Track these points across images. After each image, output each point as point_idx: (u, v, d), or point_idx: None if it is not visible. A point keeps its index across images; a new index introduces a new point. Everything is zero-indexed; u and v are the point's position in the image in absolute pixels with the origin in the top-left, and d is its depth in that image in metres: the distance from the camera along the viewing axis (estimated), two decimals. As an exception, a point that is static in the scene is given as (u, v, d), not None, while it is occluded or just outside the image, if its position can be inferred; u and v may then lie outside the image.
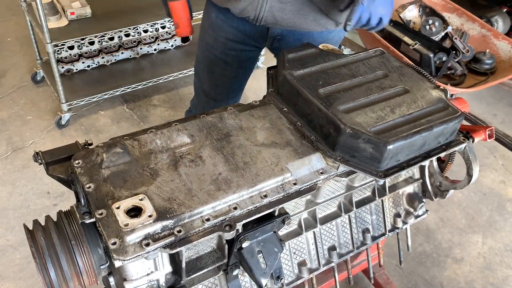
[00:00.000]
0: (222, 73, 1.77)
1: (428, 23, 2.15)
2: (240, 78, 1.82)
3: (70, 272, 0.91)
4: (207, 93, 1.87)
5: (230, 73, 1.77)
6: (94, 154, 0.99)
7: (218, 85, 1.82)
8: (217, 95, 1.85)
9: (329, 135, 1.06)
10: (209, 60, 1.76)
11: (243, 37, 1.63)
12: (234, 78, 1.80)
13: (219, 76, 1.79)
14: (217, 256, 1.05)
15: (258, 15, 1.48)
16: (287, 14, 1.47)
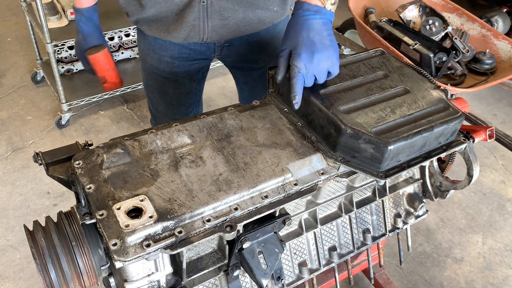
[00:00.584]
0: (175, 92, 1.69)
1: (428, 23, 2.14)
2: (195, 91, 1.74)
3: (71, 273, 0.91)
4: (164, 114, 1.80)
5: (184, 89, 1.70)
6: (95, 155, 0.99)
7: (174, 104, 1.74)
8: (176, 114, 1.77)
9: (330, 136, 1.06)
10: (158, 82, 1.68)
11: (189, 52, 1.56)
12: (189, 93, 1.73)
13: (173, 95, 1.71)
14: (218, 257, 1.05)
15: (202, 38, 1.44)
16: (231, 27, 1.43)
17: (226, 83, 3.46)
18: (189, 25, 1.40)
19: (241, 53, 1.59)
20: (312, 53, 1.07)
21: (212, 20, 1.39)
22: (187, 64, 1.60)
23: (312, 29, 1.10)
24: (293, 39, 1.10)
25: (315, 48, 1.08)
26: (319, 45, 1.09)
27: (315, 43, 1.09)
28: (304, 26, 1.10)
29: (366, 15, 2.27)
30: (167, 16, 1.41)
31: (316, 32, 1.10)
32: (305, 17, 1.11)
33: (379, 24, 2.13)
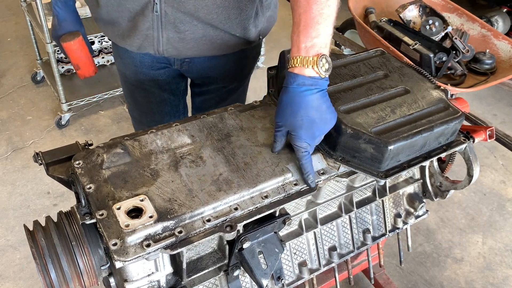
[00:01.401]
0: (145, 100, 1.64)
1: (428, 23, 2.15)
2: (169, 102, 1.66)
3: (71, 273, 0.91)
4: (138, 121, 1.76)
5: (154, 99, 1.63)
6: (95, 155, 0.99)
7: (146, 112, 1.68)
8: (150, 122, 1.71)
9: (330, 136, 1.06)
10: (129, 88, 1.64)
11: (152, 60, 1.51)
12: (161, 102, 1.65)
13: (143, 103, 1.66)
14: (218, 257, 1.05)
15: (157, 50, 1.38)
16: (189, 43, 1.35)
17: (226, 83, 3.46)
18: (143, 34, 1.34)
19: (202, 70, 1.53)
20: (313, 133, 1.00)
21: (167, 31, 1.32)
22: (152, 73, 1.54)
23: (311, 106, 0.98)
24: (290, 118, 0.99)
25: (316, 127, 1.00)
26: (320, 122, 1.00)
27: (315, 121, 0.99)
28: (302, 104, 0.98)
29: (366, 15, 2.27)
30: (119, 21, 1.35)
31: (316, 110, 0.99)
32: (302, 93, 0.98)
33: (379, 24, 2.13)
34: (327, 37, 1.00)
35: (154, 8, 1.27)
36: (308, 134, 1.00)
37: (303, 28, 0.99)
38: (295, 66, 0.98)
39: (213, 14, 1.29)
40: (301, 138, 1.00)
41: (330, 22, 1.00)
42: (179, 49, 1.38)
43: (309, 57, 0.97)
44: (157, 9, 1.27)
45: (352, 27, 2.75)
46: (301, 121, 0.99)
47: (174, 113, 1.71)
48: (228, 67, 1.54)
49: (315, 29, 0.99)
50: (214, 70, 1.54)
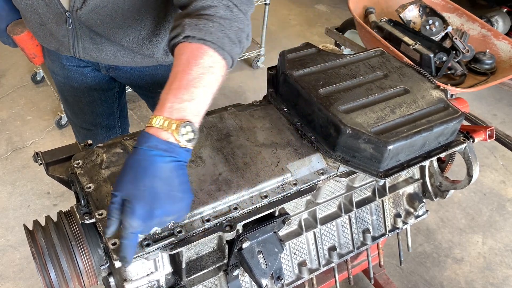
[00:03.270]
0: (74, 98, 1.55)
1: (428, 23, 2.15)
2: (101, 102, 1.55)
3: (70, 273, 0.91)
4: (72, 122, 1.67)
5: (84, 98, 1.53)
6: (94, 155, 0.99)
7: (77, 112, 1.59)
8: (81, 123, 1.62)
9: (329, 135, 1.06)
10: (58, 86, 1.56)
11: (78, 61, 1.44)
12: (92, 103, 1.54)
13: (73, 102, 1.56)
14: (217, 257, 1.05)
15: (75, 55, 1.31)
16: (107, 53, 1.30)
17: (226, 83, 3.45)
18: (58, 40, 1.29)
19: (131, 78, 1.48)
20: (153, 211, 0.79)
21: (82, 41, 1.27)
22: (80, 70, 1.46)
23: (159, 176, 0.80)
24: (131, 185, 0.79)
25: (159, 204, 0.80)
26: (166, 199, 0.80)
27: (160, 196, 0.80)
28: (148, 170, 0.79)
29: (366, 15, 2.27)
30: (31, 22, 1.29)
31: (164, 182, 0.80)
32: (152, 157, 0.80)
33: (379, 24, 2.13)
34: (202, 106, 0.86)
35: (67, 22, 1.21)
36: (145, 210, 0.79)
37: (176, 87, 0.85)
38: (151, 126, 0.82)
39: (124, 38, 1.25)
40: (134, 213, 0.78)
41: (209, 91, 0.88)
42: (97, 58, 1.33)
43: (172, 119, 0.82)
44: (69, 23, 1.21)
45: (352, 27, 2.75)
46: (142, 191, 0.79)
47: (108, 115, 1.60)
48: (157, 78, 1.48)
49: (189, 92, 0.84)
50: (143, 80, 1.48)
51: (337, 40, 2.80)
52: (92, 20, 1.18)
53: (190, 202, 0.86)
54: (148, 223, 0.80)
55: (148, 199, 0.79)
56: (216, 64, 0.91)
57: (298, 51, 1.25)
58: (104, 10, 1.16)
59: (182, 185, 0.83)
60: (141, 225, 0.79)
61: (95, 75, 1.49)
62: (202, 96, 0.86)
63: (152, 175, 0.79)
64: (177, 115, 0.83)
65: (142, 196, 0.79)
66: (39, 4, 1.19)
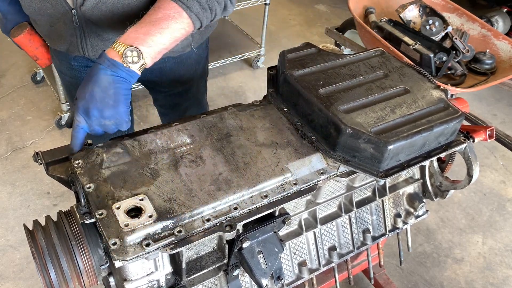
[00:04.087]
0: None
1: (428, 23, 2.15)
2: None
3: (70, 273, 0.91)
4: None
5: None
6: (94, 154, 0.99)
7: None
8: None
9: (330, 135, 1.06)
10: (66, 85, 1.62)
11: (85, 61, 1.48)
12: None
13: None
14: (218, 257, 1.05)
15: (85, 54, 1.35)
16: None
17: (226, 83, 3.46)
18: (67, 40, 1.32)
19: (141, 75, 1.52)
20: (89, 109, 1.00)
21: (90, 39, 1.30)
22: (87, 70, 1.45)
23: (98, 84, 1.00)
24: (81, 89, 1.01)
25: (94, 105, 0.99)
26: (100, 103, 1.00)
27: (95, 99, 1.00)
28: (92, 78, 1.00)
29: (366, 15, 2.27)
30: (42, 24, 1.32)
31: (101, 89, 1.00)
32: (97, 69, 1.01)
33: (379, 24, 2.13)
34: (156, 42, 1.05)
35: (73, 19, 1.25)
36: (84, 108, 1.00)
37: (138, 24, 1.07)
38: (109, 48, 1.03)
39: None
40: (78, 110, 1.01)
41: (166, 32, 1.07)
42: None
43: (124, 44, 1.02)
44: (76, 21, 1.25)
45: (352, 27, 2.75)
46: (84, 93, 1.00)
47: None
48: (166, 71, 1.52)
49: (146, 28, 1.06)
50: (152, 74, 1.52)
51: (337, 40, 2.80)
52: (95, 16, 1.22)
53: (123, 112, 1.03)
54: (88, 120, 1.01)
55: (86, 100, 1.00)
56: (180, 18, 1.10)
57: (298, 51, 1.25)
58: (105, 5, 1.20)
59: (116, 95, 1.01)
60: (83, 121, 1.01)
61: None
62: (158, 34, 1.06)
63: (93, 83, 1.00)
64: (129, 42, 1.02)
65: (83, 97, 1.00)
66: (46, 6, 1.23)
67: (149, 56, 1.05)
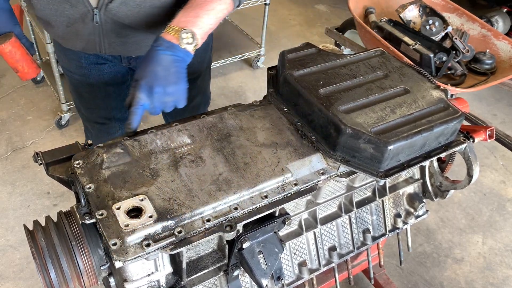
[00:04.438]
0: (90, 94, 1.62)
1: (428, 23, 2.15)
2: (115, 96, 1.63)
3: (70, 273, 0.91)
4: (86, 118, 1.74)
5: (99, 93, 1.61)
6: (95, 155, 0.99)
7: (92, 107, 1.67)
8: (96, 118, 1.70)
9: (330, 136, 1.06)
10: (73, 84, 1.62)
11: (96, 57, 1.49)
12: (107, 97, 1.63)
13: (89, 98, 1.64)
14: (218, 257, 1.05)
15: (100, 51, 1.38)
16: (131, 45, 1.38)
17: (226, 83, 3.46)
18: (84, 38, 1.34)
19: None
20: (153, 87, 1.08)
21: (108, 37, 1.34)
22: (97, 67, 1.52)
23: (159, 63, 1.10)
24: (141, 70, 1.10)
25: (157, 83, 1.09)
26: (162, 80, 1.09)
27: (159, 77, 1.09)
28: (153, 59, 1.10)
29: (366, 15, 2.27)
30: (57, 25, 1.33)
31: (163, 67, 1.10)
32: (157, 51, 1.11)
33: (379, 24, 2.13)
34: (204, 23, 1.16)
35: (94, 19, 1.27)
36: (148, 86, 1.08)
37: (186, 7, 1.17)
38: (163, 32, 1.14)
39: (152, 28, 1.32)
40: (141, 87, 1.08)
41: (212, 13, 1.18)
42: (122, 51, 1.40)
43: (177, 27, 1.13)
44: (97, 20, 1.27)
45: (352, 27, 2.75)
46: (147, 72, 1.09)
47: (121, 108, 1.67)
48: None
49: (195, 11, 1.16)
50: None
51: (337, 40, 2.80)
52: (122, 12, 1.26)
53: (184, 89, 1.14)
54: (150, 98, 1.09)
55: (150, 79, 1.08)
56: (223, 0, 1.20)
57: (298, 51, 1.25)
58: (133, 0, 1.24)
59: (176, 73, 1.12)
60: (145, 98, 1.08)
61: (111, 71, 1.55)
62: (205, 16, 1.16)
63: (155, 63, 1.10)
64: (182, 25, 1.13)
65: (146, 76, 1.09)
66: (64, 7, 1.26)
67: (199, 37, 1.15)
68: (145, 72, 1.09)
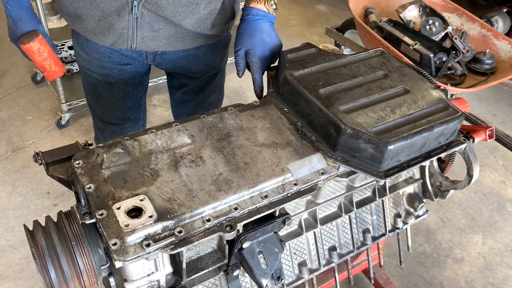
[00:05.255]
0: (108, 94, 1.62)
1: (428, 23, 2.15)
2: (132, 96, 1.66)
3: (71, 273, 0.91)
4: (101, 118, 1.73)
5: (118, 93, 1.62)
6: (95, 155, 0.99)
7: (109, 107, 1.66)
8: (111, 118, 1.70)
9: (330, 136, 1.06)
10: (91, 84, 1.61)
11: (120, 57, 1.50)
12: (125, 97, 1.64)
13: (106, 98, 1.63)
14: (218, 257, 1.05)
15: (131, 46, 1.40)
16: (161, 40, 1.41)
17: (226, 83, 3.45)
18: (117, 32, 1.36)
19: (175, 61, 1.56)
20: (265, 51, 1.29)
21: (141, 30, 1.36)
22: (119, 67, 1.54)
23: (263, 31, 1.29)
24: (248, 40, 1.29)
25: (268, 47, 1.30)
26: (271, 44, 1.30)
27: (267, 43, 1.30)
28: (256, 29, 1.29)
29: (366, 15, 2.27)
30: (88, 19, 1.34)
31: (267, 34, 1.30)
32: (256, 21, 1.29)
33: (379, 24, 2.13)
34: None
35: (133, 11, 1.29)
36: (261, 52, 1.28)
37: None
38: (251, 2, 1.32)
39: (187, 19, 1.36)
40: (255, 54, 1.27)
41: None
42: (152, 46, 1.43)
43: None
44: (136, 12, 1.30)
45: (352, 27, 2.75)
46: (256, 41, 1.28)
47: (136, 108, 1.71)
48: (199, 56, 1.58)
49: None
50: (186, 61, 1.57)
51: (337, 40, 2.80)
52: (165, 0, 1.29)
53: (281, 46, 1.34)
54: (263, 60, 1.29)
55: (261, 45, 1.29)
56: None
57: (298, 51, 1.25)
58: None
59: (277, 36, 1.33)
60: (260, 63, 1.28)
61: (132, 71, 1.58)
62: None
63: (260, 31, 1.30)
64: None
65: (257, 44, 1.29)
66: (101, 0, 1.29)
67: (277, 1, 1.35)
68: (255, 41, 1.28)
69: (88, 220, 0.90)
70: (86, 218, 0.90)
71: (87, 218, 0.90)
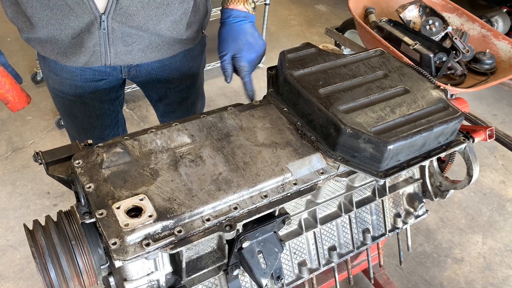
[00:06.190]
0: (84, 114, 1.55)
1: (428, 23, 2.15)
2: (108, 113, 1.59)
3: (70, 272, 0.91)
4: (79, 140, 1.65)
5: (94, 112, 1.55)
6: (94, 154, 0.99)
7: (86, 128, 1.59)
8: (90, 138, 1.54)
9: (330, 135, 1.06)
10: (65, 106, 1.54)
11: (93, 73, 1.44)
12: (102, 116, 1.58)
13: (83, 118, 1.56)
14: (217, 256, 1.05)
15: (105, 63, 1.34)
16: (136, 53, 1.35)
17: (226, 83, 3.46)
18: (89, 50, 1.29)
19: (151, 73, 1.52)
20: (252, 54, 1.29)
21: (114, 46, 1.30)
22: (93, 85, 1.48)
23: (247, 33, 1.29)
24: (233, 44, 1.28)
25: (254, 49, 1.29)
26: (256, 46, 1.30)
27: (252, 45, 1.29)
28: (240, 31, 1.28)
29: (366, 15, 2.27)
30: (62, 39, 1.29)
31: (251, 35, 1.29)
32: (239, 23, 1.28)
33: (379, 24, 2.13)
34: None
35: (102, 26, 1.23)
36: (248, 55, 1.28)
37: None
38: (230, 3, 1.31)
39: (161, 23, 1.30)
40: (243, 59, 1.27)
41: None
42: (127, 60, 1.37)
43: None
44: (105, 26, 1.24)
45: (352, 27, 2.75)
46: (242, 44, 1.27)
47: (114, 125, 1.66)
48: (176, 66, 1.54)
49: None
50: (162, 71, 1.53)
51: (337, 40, 2.80)
52: (133, 6, 1.22)
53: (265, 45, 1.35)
54: (251, 63, 1.29)
55: (247, 48, 1.28)
56: None
57: (298, 51, 1.25)
58: None
59: (259, 36, 1.32)
60: (248, 65, 1.29)
61: (106, 86, 1.52)
62: None
63: (244, 34, 1.28)
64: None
65: (243, 47, 1.27)
66: (69, 19, 1.22)
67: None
68: (240, 45, 1.27)
69: (88, 220, 0.90)
70: (86, 217, 0.90)
71: (87, 217, 0.90)
